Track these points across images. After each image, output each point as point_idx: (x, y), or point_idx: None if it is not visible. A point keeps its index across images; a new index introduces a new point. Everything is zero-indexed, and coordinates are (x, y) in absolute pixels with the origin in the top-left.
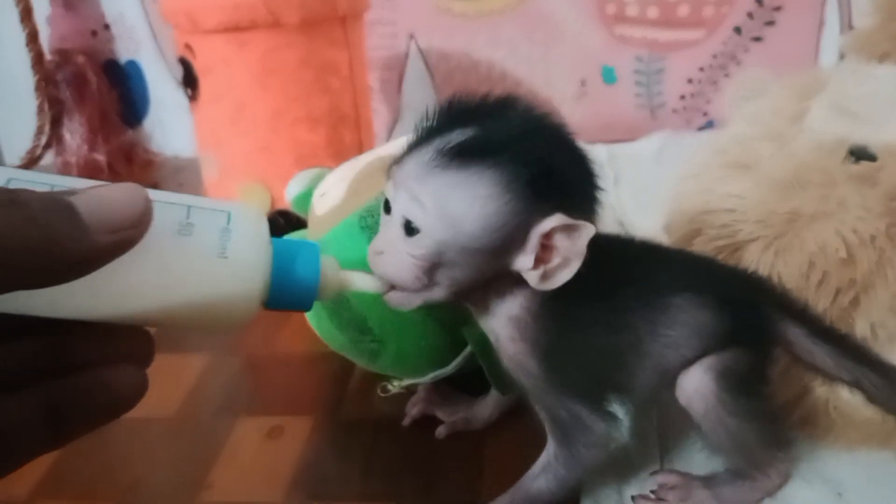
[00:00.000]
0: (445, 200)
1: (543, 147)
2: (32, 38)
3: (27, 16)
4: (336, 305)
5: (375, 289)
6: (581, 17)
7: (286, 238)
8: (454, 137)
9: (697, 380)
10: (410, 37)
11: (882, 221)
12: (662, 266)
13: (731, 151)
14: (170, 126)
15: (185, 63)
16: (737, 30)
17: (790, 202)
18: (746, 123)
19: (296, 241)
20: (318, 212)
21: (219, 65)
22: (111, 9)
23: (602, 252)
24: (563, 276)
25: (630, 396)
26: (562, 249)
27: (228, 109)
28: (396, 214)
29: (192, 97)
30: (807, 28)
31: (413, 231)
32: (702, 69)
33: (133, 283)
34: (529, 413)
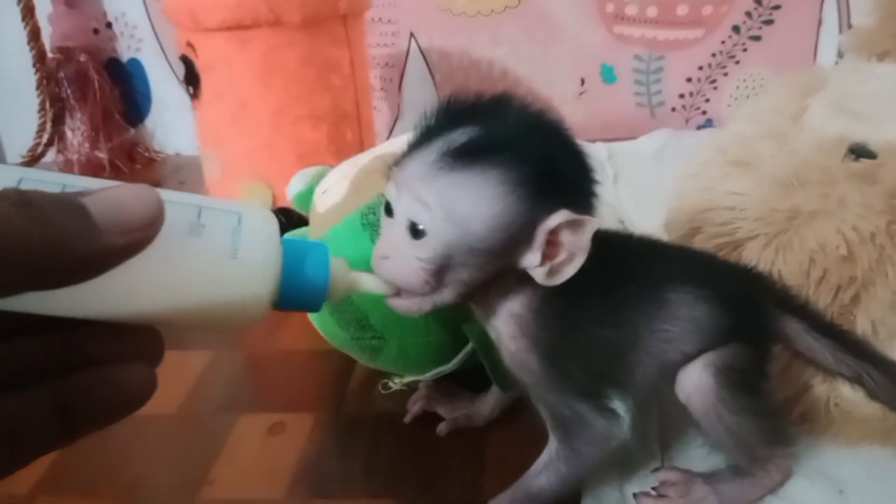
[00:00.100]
0: (452, 201)
1: (545, 145)
2: (34, 36)
3: (29, 14)
4: (338, 303)
5: (384, 290)
6: (581, 17)
7: (296, 238)
8: (456, 138)
9: (696, 376)
10: (411, 35)
11: (882, 219)
12: (662, 262)
13: (732, 150)
14: (171, 124)
15: (187, 61)
16: (735, 29)
17: (790, 200)
18: (746, 122)
19: (305, 242)
20: (320, 209)
21: (220, 63)
22: (113, 7)
23: (602, 248)
24: (569, 271)
25: (630, 392)
26: (567, 245)
27: (230, 107)
28: (400, 217)
29: (194, 95)
30: (805, 27)
31: (419, 234)
32: (701, 68)
33: (144, 284)
34: (530, 410)
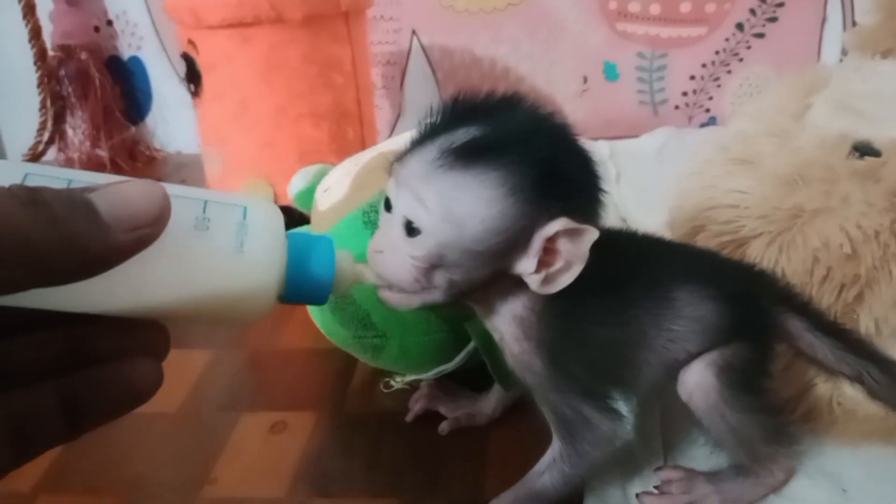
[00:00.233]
0: (450, 201)
1: (549, 148)
2: (35, 35)
3: (30, 12)
4: (339, 301)
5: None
6: (583, 14)
7: (301, 232)
8: (459, 136)
9: (699, 375)
10: (413, 33)
11: (886, 217)
12: (665, 260)
13: (734, 148)
14: (172, 122)
15: (188, 59)
16: (739, 26)
17: (793, 198)
18: (749, 120)
19: (311, 235)
20: (322, 207)
21: (222, 61)
22: (114, 5)
23: (605, 247)
24: (565, 280)
25: (635, 391)
26: (564, 253)
27: (231, 105)
28: (398, 214)
29: (195, 93)
30: (809, 24)
31: (414, 231)
32: (704, 66)
33: (150, 279)
34: (532, 409)
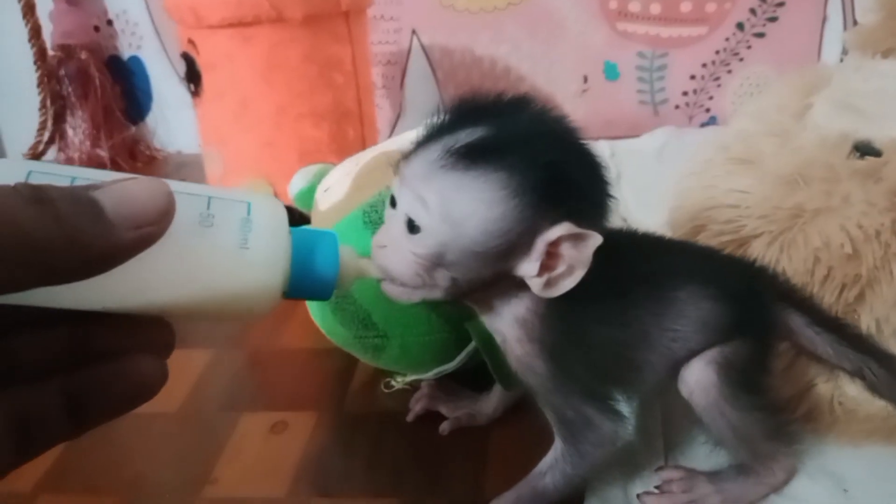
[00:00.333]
0: (449, 202)
1: (554, 151)
2: (35, 34)
3: (30, 11)
4: (340, 301)
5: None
6: (584, 14)
7: (305, 228)
8: (462, 137)
9: (699, 372)
10: (413, 33)
11: (887, 217)
12: (667, 259)
13: (735, 147)
14: (173, 122)
15: (189, 59)
16: (739, 26)
17: (794, 198)
18: (750, 119)
19: (315, 231)
20: (322, 207)
21: (222, 60)
22: (114, 4)
23: (606, 247)
24: (567, 285)
25: (637, 391)
26: (567, 258)
27: (232, 105)
28: (401, 211)
29: (196, 93)
30: (809, 24)
31: (415, 229)
32: (704, 65)
33: (155, 276)
34: (533, 408)
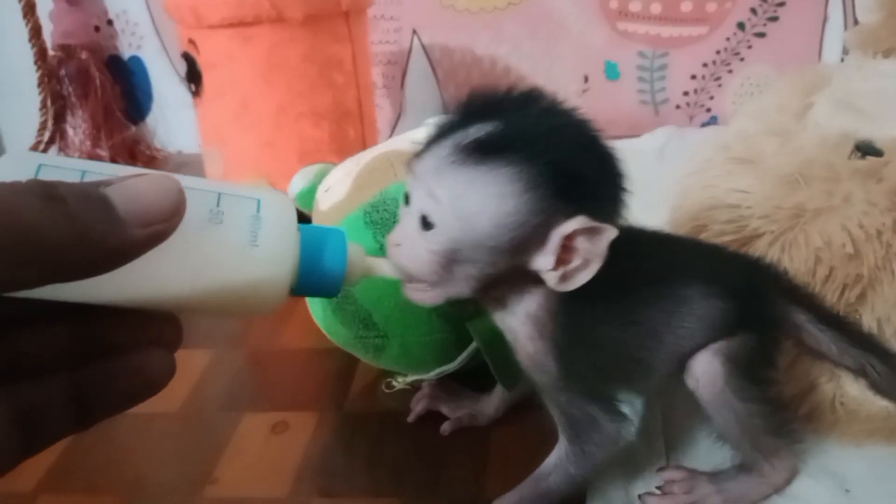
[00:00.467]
0: (460, 197)
1: (567, 145)
2: (36, 34)
3: (30, 11)
4: (341, 301)
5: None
6: (584, 13)
7: (313, 225)
8: (473, 132)
9: (706, 363)
10: (414, 32)
11: (888, 216)
12: (674, 257)
13: (736, 147)
14: (173, 122)
15: (189, 58)
16: (740, 25)
17: (795, 197)
18: (751, 119)
19: (323, 228)
20: (323, 207)
21: (222, 60)
22: (114, 4)
23: (616, 245)
24: (582, 278)
25: (646, 389)
26: (582, 251)
27: (232, 105)
28: (414, 208)
29: (196, 93)
30: (810, 23)
31: (429, 226)
32: (705, 65)
33: (164, 271)
34: (534, 408)
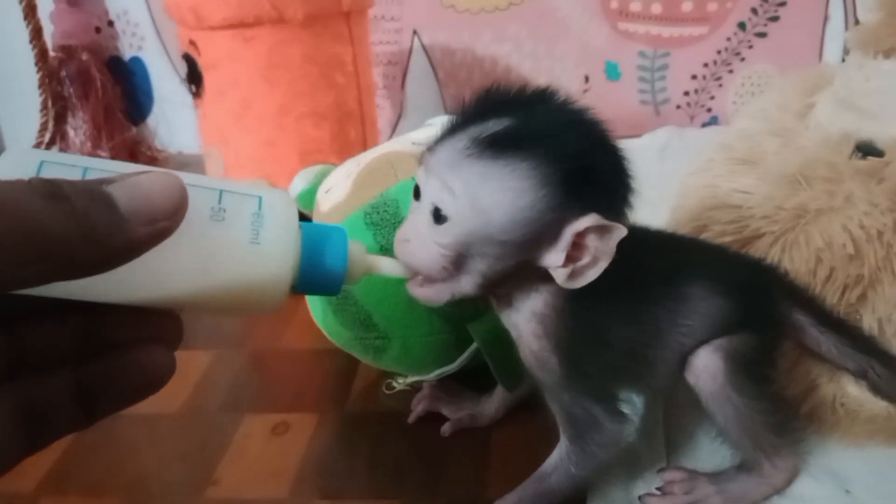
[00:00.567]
0: (477, 190)
1: (581, 143)
2: (36, 35)
3: (31, 12)
4: (341, 302)
5: (402, 274)
6: (585, 13)
7: (314, 223)
8: (490, 126)
9: (706, 358)
10: (414, 33)
11: (889, 217)
12: (678, 256)
13: (737, 147)
14: (174, 122)
15: (190, 59)
16: (741, 25)
17: (797, 198)
18: (752, 119)
19: (324, 226)
20: (323, 208)
21: (223, 61)
22: (115, 5)
23: (621, 244)
24: (591, 275)
25: (650, 387)
26: (592, 249)
27: (233, 106)
28: (426, 201)
29: (197, 94)
30: (811, 23)
31: (441, 219)
32: (706, 65)
33: (166, 269)
34: (535, 409)
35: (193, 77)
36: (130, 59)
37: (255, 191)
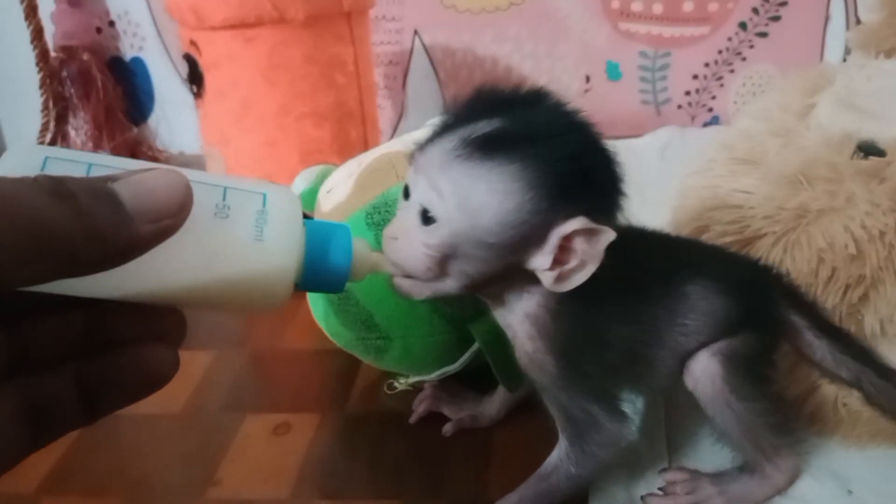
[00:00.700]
0: (465, 191)
1: (570, 145)
2: (37, 35)
3: (32, 12)
4: (343, 302)
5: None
6: (586, 13)
7: (318, 220)
8: (480, 128)
9: (705, 363)
10: (415, 33)
11: (891, 217)
12: (675, 255)
13: (738, 147)
14: (175, 123)
15: (191, 59)
16: (742, 25)
17: (798, 198)
18: (753, 119)
19: (328, 223)
20: (325, 208)
21: (224, 61)
22: (116, 5)
23: (617, 243)
24: (578, 279)
25: (649, 387)
26: (580, 253)
27: (234, 106)
28: (414, 201)
29: (198, 94)
30: (812, 23)
31: (429, 220)
32: (707, 65)
33: (170, 266)
34: (536, 409)
35: (194, 77)
36: (131, 60)
37: (259, 188)
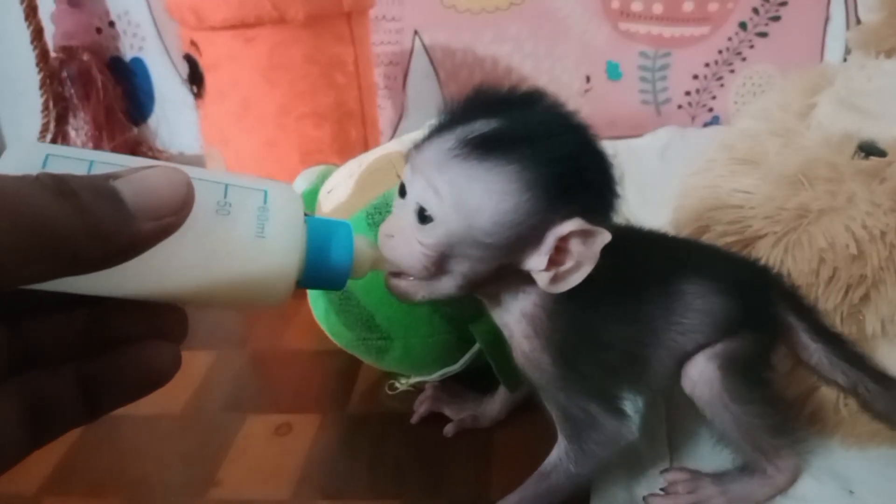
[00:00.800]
0: (462, 191)
1: (567, 147)
2: (37, 36)
3: (32, 13)
4: (343, 303)
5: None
6: (586, 13)
7: (320, 217)
8: (478, 128)
9: (702, 366)
10: (415, 33)
11: (892, 217)
12: (672, 255)
13: (739, 147)
14: (175, 123)
15: (191, 60)
16: (742, 25)
17: (798, 198)
18: (753, 119)
19: (329, 220)
20: (325, 209)
21: (224, 61)
22: (116, 5)
23: (613, 243)
24: (574, 280)
25: (647, 387)
26: (576, 254)
27: (234, 106)
28: (411, 200)
29: (198, 94)
30: (812, 23)
31: (426, 219)
32: (707, 65)
33: (172, 264)
34: (537, 409)
35: (195, 77)
36: (131, 60)
37: (261, 185)
